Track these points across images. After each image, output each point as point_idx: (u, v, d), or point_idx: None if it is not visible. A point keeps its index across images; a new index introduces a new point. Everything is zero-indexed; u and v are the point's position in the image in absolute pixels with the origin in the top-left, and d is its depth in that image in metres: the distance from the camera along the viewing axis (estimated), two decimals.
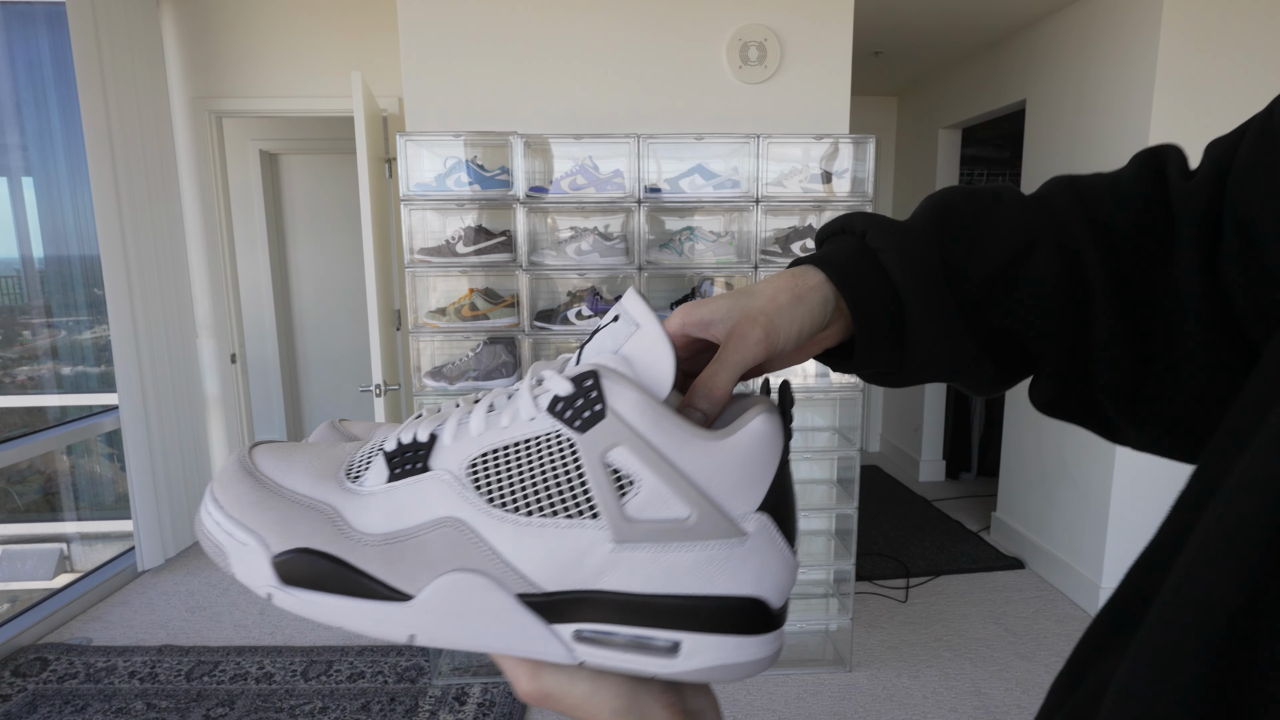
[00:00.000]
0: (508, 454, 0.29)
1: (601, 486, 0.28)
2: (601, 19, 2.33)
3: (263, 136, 4.39)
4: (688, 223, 2.33)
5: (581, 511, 0.28)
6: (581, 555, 0.28)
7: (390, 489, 0.30)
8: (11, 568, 3.06)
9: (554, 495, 0.28)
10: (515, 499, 0.29)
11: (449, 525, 0.29)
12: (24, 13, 2.93)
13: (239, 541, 0.29)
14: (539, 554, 0.28)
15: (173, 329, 3.14)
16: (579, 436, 0.28)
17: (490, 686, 2.22)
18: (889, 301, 0.35)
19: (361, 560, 0.29)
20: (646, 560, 0.28)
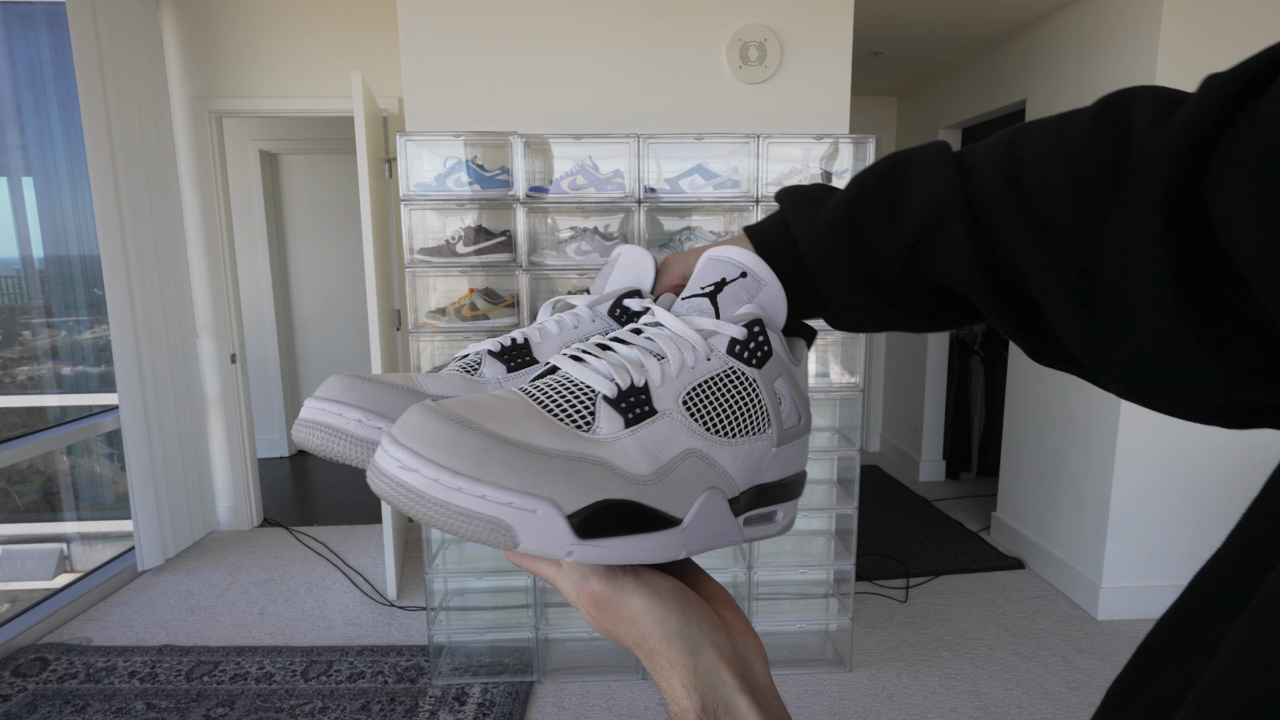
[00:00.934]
0: (705, 390, 0.35)
1: (773, 406, 0.37)
2: (602, 19, 2.33)
3: (263, 136, 4.39)
4: (688, 223, 2.33)
5: (762, 428, 0.36)
6: (761, 459, 0.37)
7: (634, 432, 0.33)
8: (11, 568, 3.05)
9: (747, 418, 0.36)
10: (723, 426, 0.35)
11: (694, 455, 0.34)
12: (24, 13, 2.93)
13: (526, 511, 0.28)
14: (744, 464, 0.36)
15: (173, 329, 3.14)
16: (757, 372, 0.37)
17: (490, 686, 2.22)
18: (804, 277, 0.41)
19: (650, 498, 0.32)
20: (784, 455, 0.38)
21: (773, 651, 2.41)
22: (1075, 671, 2.31)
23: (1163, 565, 2.63)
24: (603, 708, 2.14)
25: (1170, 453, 2.57)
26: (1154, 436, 2.56)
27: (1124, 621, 2.61)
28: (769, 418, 0.37)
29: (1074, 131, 0.32)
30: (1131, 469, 2.58)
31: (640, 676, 2.27)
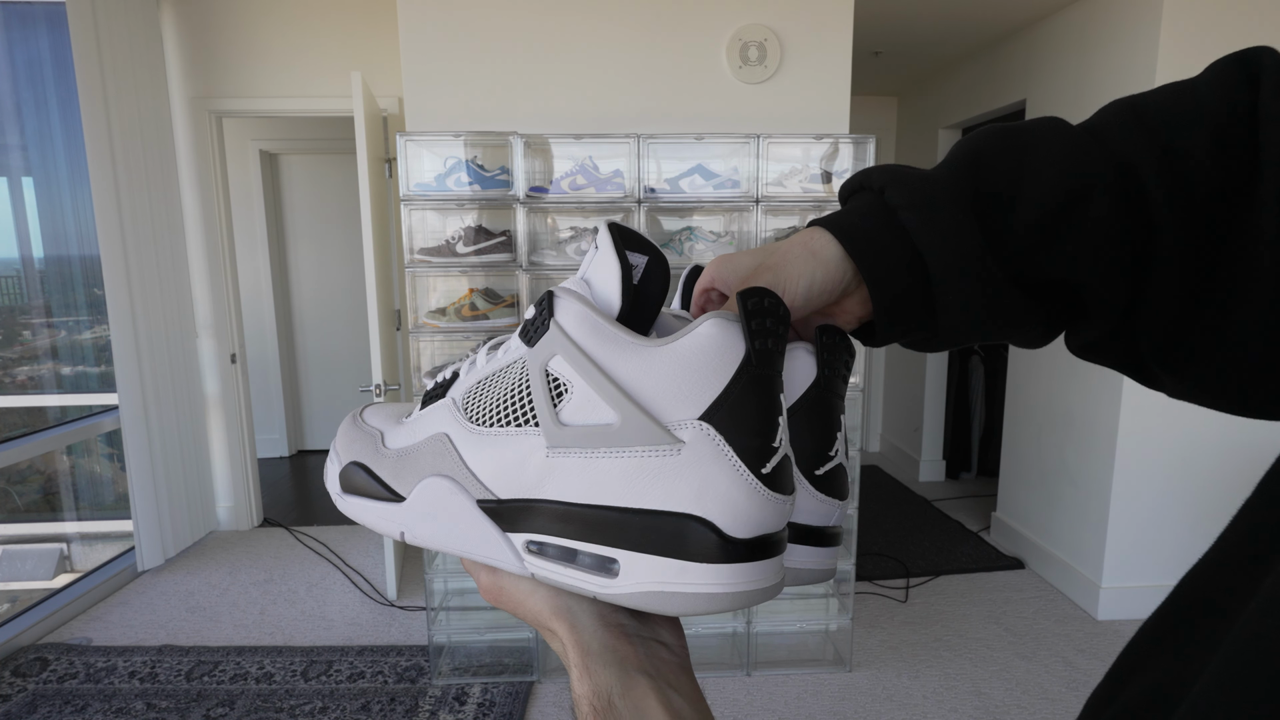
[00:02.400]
0: (491, 380, 0.32)
1: (539, 394, 0.29)
2: (602, 19, 2.33)
3: (263, 136, 4.39)
4: (688, 223, 2.33)
5: (526, 419, 0.29)
6: (523, 460, 0.29)
7: (415, 416, 0.35)
8: (11, 568, 3.05)
9: (508, 407, 0.30)
10: (484, 414, 0.31)
11: (438, 439, 0.32)
12: (24, 13, 2.93)
13: (330, 460, 0.37)
14: (491, 461, 0.30)
15: (173, 329, 3.14)
16: (529, 352, 0.30)
17: (490, 686, 2.22)
18: (909, 263, 0.31)
19: (380, 468, 0.34)
20: (577, 467, 0.28)
21: (773, 651, 2.41)
22: (1075, 671, 2.31)
23: (1163, 565, 2.63)
24: None
25: (1170, 453, 2.57)
26: (1154, 436, 2.56)
27: (1124, 621, 2.61)
28: (530, 408, 0.29)
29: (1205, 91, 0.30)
30: (1131, 469, 2.58)
31: None
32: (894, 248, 0.31)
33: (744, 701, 2.17)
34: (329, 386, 4.82)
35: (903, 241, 0.31)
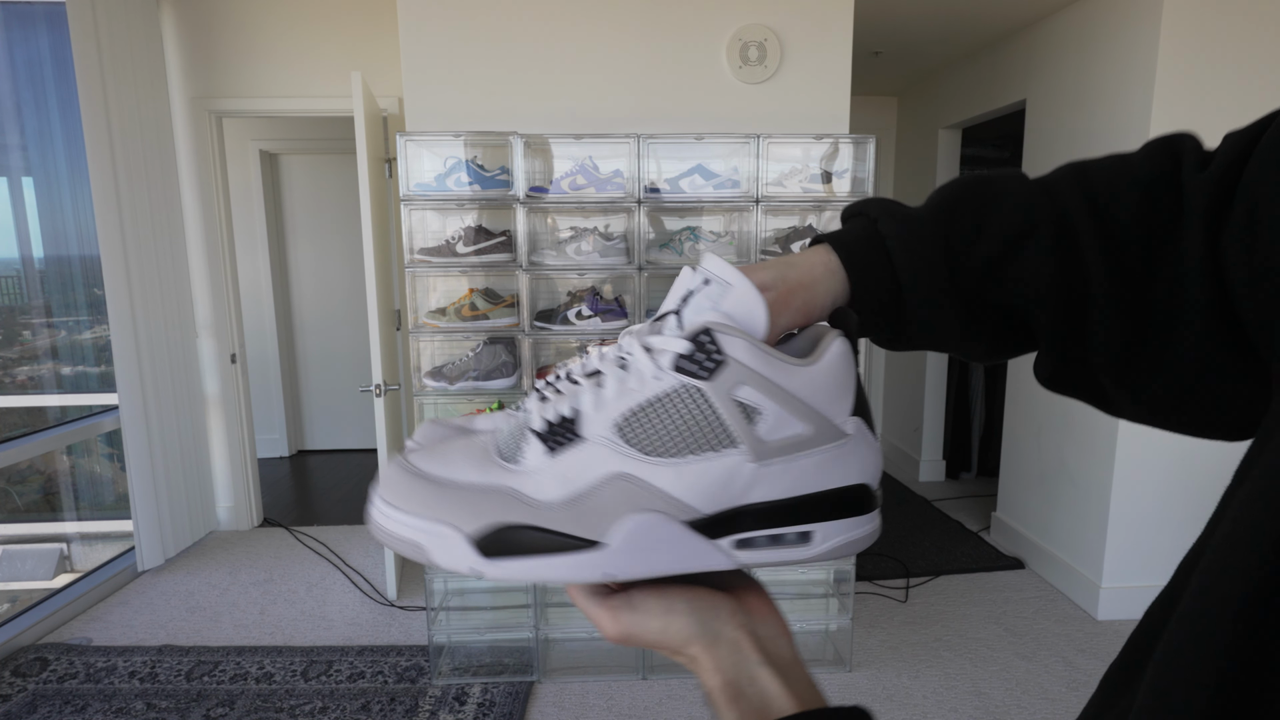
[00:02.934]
0: (647, 410, 0.34)
1: (736, 419, 0.34)
2: (602, 19, 2.33)
3: (263, 136, 4.39)
4: (688, 223, 2.33)
5: (723, 443, 0.34)
6: (729, 477, 0.34)
7: (554, 461, 0.35)
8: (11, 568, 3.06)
9: (698, 434, 0.34)
10: (666, 445, 0.34)
11: (619, 479, 0.34)
12: (24, 13, 2.93)
13: (435, 534, 0.34)
14: (696, 485, 0.34)
15: (173, 329, 3.14)
16: (707, 384, 0.34)
17: (490, 686, 2.22)
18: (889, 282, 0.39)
19: (553, 522, 0.34)
20: (781, 472, 0.35)
21: None
22: (1075, 671, 2.31)
23: (1163, 565, 2.63)
24: (603, 708, 2.14)
25: (1170, 453, 2.57)
26: (1154, 437, 2.56)
27: (1124, 621, 2.61)
28: (728, 432, 0.34)
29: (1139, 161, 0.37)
30: (1131, 469, 2.58)
31: (640, 676, 2.27)
32: (881, 271, 0.39)
33: None
34: (329, 386, 4.82)
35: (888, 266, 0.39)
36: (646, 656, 2.29)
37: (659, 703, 2.16)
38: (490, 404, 2.23)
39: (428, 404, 2.37)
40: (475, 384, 2.18)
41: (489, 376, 2.18)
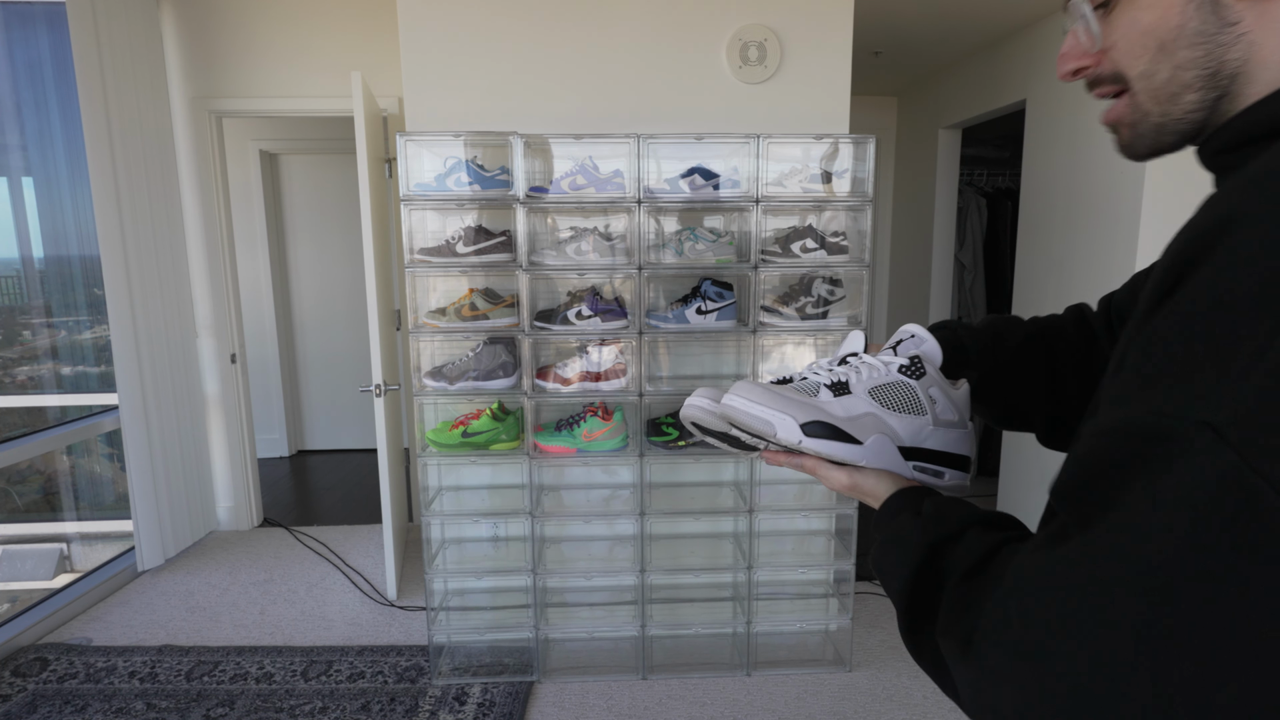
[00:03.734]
0: (885, 387, 0.66)
1: (927, 401, 0.65)
2: (602, 19, 2.33)
3: (263, 136, 4.39)
4: (688, 223, 2.33)
5: (922, 411, 0.65)
6: (919, 429, 0.65)
7: (838, 400, 0.65)
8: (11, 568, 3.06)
9: (907, 404, 0.65)
10: (893, 405, 0.65)
11: (871, 414, 0.65)
12: (24, 13, 2.93)
13: (780, 419, 0.63)
14: (908, 429, 0.65)
15: (173, 329, 3.14)
16: (916, 382, 0.66)
17: (490, 686, 2.22)
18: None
19: (841, 424, 0.64)
20: (942, 434, 0.66)
21: (773, 651, 2.41)
22: None
23: None
24: (603, 708, 2.14)
25: None
26: None
27: None
28: (924, 407, 0.66)
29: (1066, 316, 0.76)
30: None
31: (640, 677, 2.28)
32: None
33: (744, 701, 2.17)
34: (329, 386, 4.82)
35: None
36: (647, 657, 2.29)
37: (659, 703, 2.16)
38: (491, 404, 2.23)
39: (427, 404, 2.37)
40: (475, 384, 2.18)
41: (489, 376, 2.18)
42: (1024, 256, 3.15)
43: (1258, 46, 0.44)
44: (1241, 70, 0.45)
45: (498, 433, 2.20)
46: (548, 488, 2.44)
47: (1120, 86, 0.50)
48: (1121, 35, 0.49)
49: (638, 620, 2.29)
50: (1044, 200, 2.98)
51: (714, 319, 2.19)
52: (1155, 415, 0.37)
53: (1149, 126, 0.50)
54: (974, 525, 0.55)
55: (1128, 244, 2.49)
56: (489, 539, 2.47)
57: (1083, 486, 0.40)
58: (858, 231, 2.24)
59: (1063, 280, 2.85)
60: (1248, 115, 0.45)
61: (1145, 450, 0.36)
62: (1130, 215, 2.48)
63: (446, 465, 2.40)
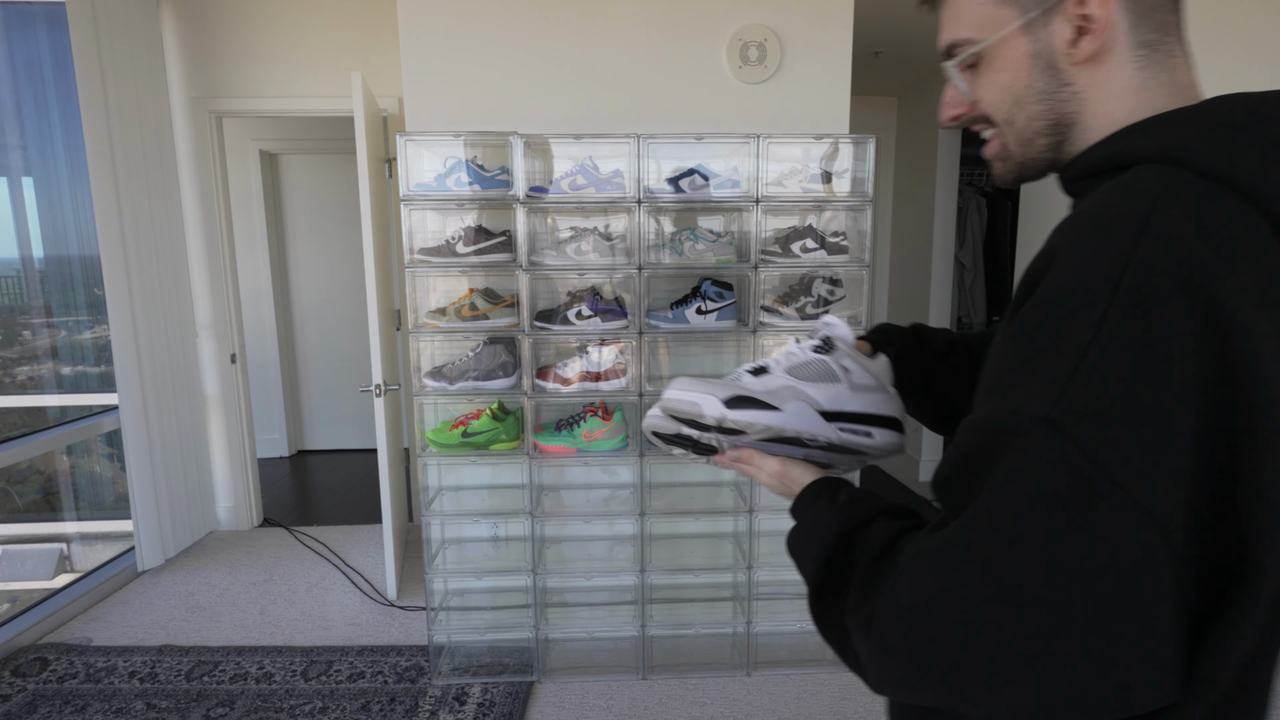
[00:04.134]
0: (801, 365, 0.74)
1: (840, 371, 0.73)
2: (602, 19, 2.33)
3: (263, 136, 4.39)
4: (688, 223, 2.33)
5: (838, 379, 0.73)
6: (838, 394, 0.72)
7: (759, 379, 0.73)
8: (11, 568, 3.06)
9: (825, 374, 0.73)
10: (811, 377, 0.73)
11: (789, 386, 0.72)
12: (24, 13, 2.93)
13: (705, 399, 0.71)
14: (825, 395, 0.72)
15: (173, 329, 3.14)
16: (828, 356, 0.74)
17: (490, 686, 2.22)
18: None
19: (764, 397, 0.71)
20: (861, 398, 0.73)
21: (773, 651, 2.41)
22: None
23: None
24: (603, 708, 2.14)
25: None
26: None
27: None
28: (837, 376, 0.74)
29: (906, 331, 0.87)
30: None
31: (640, 677, 2.28)
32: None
33: (744, 701, 2.17)
34: (329, 386, 4.82)
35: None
36: (647, 657, 2.29)
37: (659, 703, 2.16)
38: (491, 404, 2.23)
39: (427, 404, 2.37)
40: (475, 384, 2.18)
41: (489, 376, 2.18)
42: (1024, 256, 3.15)
43: (1087, 101, 0.56)
44: (1076, 120, 0.57)
45: (498, 433, 2.20)
46: (548, 488, 2.44)
47: (995, 130, 0.62)
48: (985, 91, 0.61)
49: (638, 620, 2.29)
50: (1044, 200, 2.98)
51: (714, 319, 2.19)
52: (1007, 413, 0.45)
53: (1014, 163, 0.61)
54: (881, 515, 0.60)
55: None
56: (489, 539, 2.47)
57: (953, 479, 0.49)
58: (858, 231, 2.24)
59: None
60: (1087, 155, 0.56)
61: (998, 443, 0.45)
62: None
63: (446, 465, 2.40)
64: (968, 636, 0.43)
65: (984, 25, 0.59)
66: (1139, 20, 0.56)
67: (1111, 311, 0.43)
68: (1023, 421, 0.43)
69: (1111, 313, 0.43)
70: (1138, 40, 0.56)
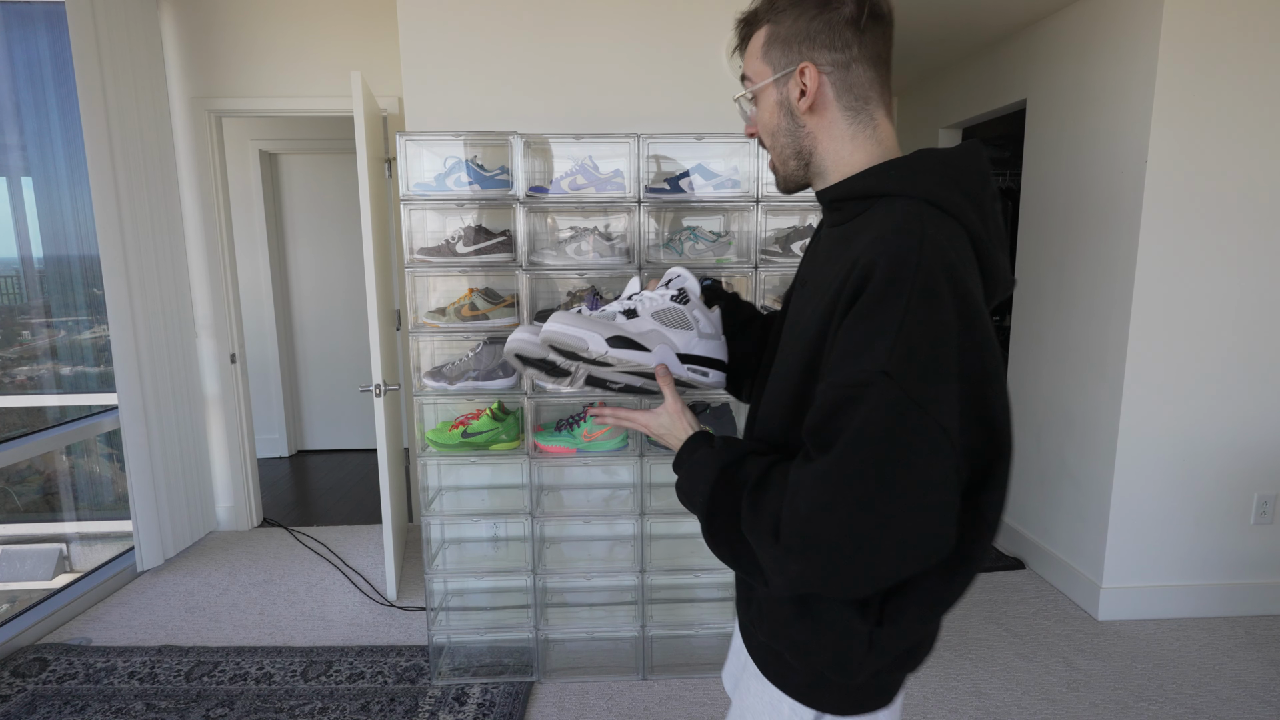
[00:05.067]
0: (663, 311, 0.94)
1: (692, 319, 0.95)
2: (601, 19, 2.33)
3: (263, 136, 4.39)
4: (688, 223, 2.33)
5: (690, 326, 0.95)
6: (690, 340, 0.95)
7: (631, 320, 0.92)
8: (11, 568, 3.05)
9: (682, 322, 0.95)
10: (671, 323, 0.94)
11: (656, 330, 0.92)
12: (24, 13, 2.93)
13: (590, 335, 0.87)
14: (680, 340, 0.94)
15: (173, 329, 3.14)
16: (684, 306, 0.96)
17: (490, 687, 2.22)
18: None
19: (638, 339, 0.91)
20: (705, 344, 0.96)
21: None
22: (1075, 671, 2.31)
23: (1163, 565, 2.63)
24: (603, 708, 2.14)
25: (1170, 453, 2.57)
26: (1154, 436, 2.56)
27: (1124, 622, 2.61)
28: (690, 324, 0.93)
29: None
30: (1131, 469, 2.57)
31: (640, 677, 2.27)
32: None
33: None
34: (329, 386, 4.82)
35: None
36: (647, 657, 2.29)
37: (659, 703, 2.16)
38: (490, 404, 2.23)
39: (427, 404, 2.36)
40: (475, 384, 2.18)
41: (489, 376, 2.18)
42: (1024, 256, 3.15)
43: (819, 140, 0.82)
44: (814, 151, 0.83)
45: (498, 433, 2.20)
46: (548, 488, 2.44)
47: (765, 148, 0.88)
48: (758, 120, 0.87)
49: (638, 620, 2.29)
50: (1044, 200, 2.98)
51: None
52: (858, 371, 0.65)
53: (780, 176, 0.88)
54: (751, 453, 0.80)
55: (1128, 244, 2.49)
56: (489, 539, 2.47)
57: (822, 423, 0.67)
58: None
59: (1063, 280, 2.85)
60: (848, 185, 0.81)
61: (854, 392, 0.65)
62: (1130, 215, 2.48)
63: (446, 465, 2.40)
64: (848, 525, 0.64)
65: (756, 74, 0.84)
66: (841, 92, 0.80)
67: (911, 299, 0.65)
68: (870, 375, 0.64)
69: (911, 300, 0.65)
70: (844, 105, 0.80)
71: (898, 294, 0.65)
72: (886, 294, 0.66)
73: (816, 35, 0.79)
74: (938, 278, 0.66)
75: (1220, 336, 2.51)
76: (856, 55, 0.79)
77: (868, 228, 0.75)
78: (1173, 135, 2.38)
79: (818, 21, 0.78)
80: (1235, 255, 2.46)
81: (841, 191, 0.82)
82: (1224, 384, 2.54)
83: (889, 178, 0.77)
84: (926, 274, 0.66)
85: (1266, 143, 2.40)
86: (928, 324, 0.65)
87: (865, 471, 0.63)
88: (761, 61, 0.83)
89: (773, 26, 0.81)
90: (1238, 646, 2.45)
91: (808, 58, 0.80)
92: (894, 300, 0.65)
